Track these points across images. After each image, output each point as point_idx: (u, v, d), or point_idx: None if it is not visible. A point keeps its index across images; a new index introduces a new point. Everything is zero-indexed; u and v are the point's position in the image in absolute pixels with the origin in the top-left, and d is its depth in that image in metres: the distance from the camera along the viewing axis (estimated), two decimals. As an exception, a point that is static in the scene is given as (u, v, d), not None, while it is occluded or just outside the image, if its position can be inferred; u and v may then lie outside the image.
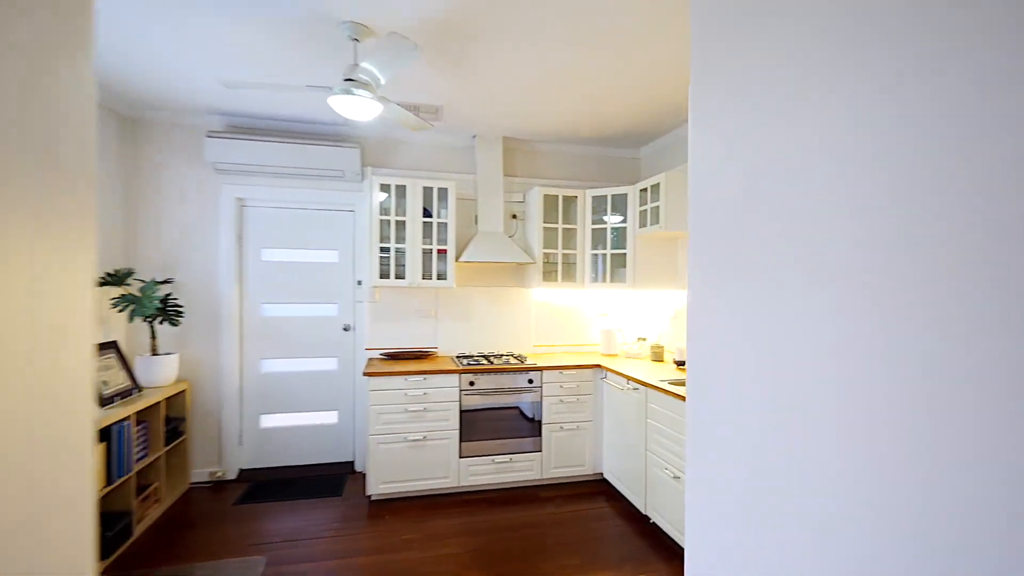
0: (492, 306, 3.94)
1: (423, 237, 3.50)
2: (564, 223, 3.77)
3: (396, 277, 3.48)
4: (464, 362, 3.46)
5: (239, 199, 3.51)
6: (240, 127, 3.47)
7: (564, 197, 3.76)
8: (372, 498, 3.23)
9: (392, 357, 3.60)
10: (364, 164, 3.64)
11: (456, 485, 3.29)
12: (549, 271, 3.78)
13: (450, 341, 3.85)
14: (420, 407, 3.21)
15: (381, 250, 3.43)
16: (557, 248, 3.75)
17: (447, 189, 3.53)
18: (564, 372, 3.47)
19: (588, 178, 4.12)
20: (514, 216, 3.96)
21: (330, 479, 3.55)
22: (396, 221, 3.46)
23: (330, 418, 3.78)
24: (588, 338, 4.14)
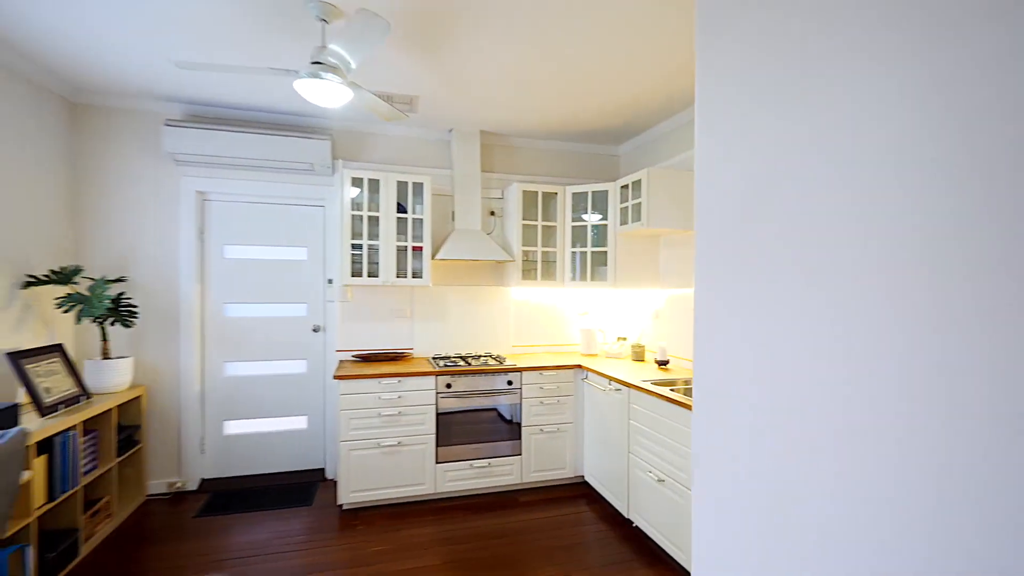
0: (469, 305, 3.82)
1: (397, 234, 3.36)
2: (543, 220, 3.68)
3: (369, 275, 3.32)
4: (441, 364, 3.33)
5: (200, 192, 3.31)
6: (201, 116, 3.26)
7: (543, 194, 3.67)
8: (344, 507, 3.08)
9: (365, 359, 3.45)
10: (335, 157, 3.48)
11: (433, 492, 3.16)
12: (528, 269, 3.68)
13: (426, 342, 3.72)
14: (394, 411, 3.08)
15: (353, 247, 3.27)
16: (536, 246, 3.66)
17: (423, 184, 3.39)
18: (544, 373, 3.37)
19: (567, 175, 4.04)
20: (492, 213, 3.85)
21: (299, 488, 3.37)
22: (369, 217, 3.31)
23: (299, 424, 3.60)
24: (568, 338, 4.06)
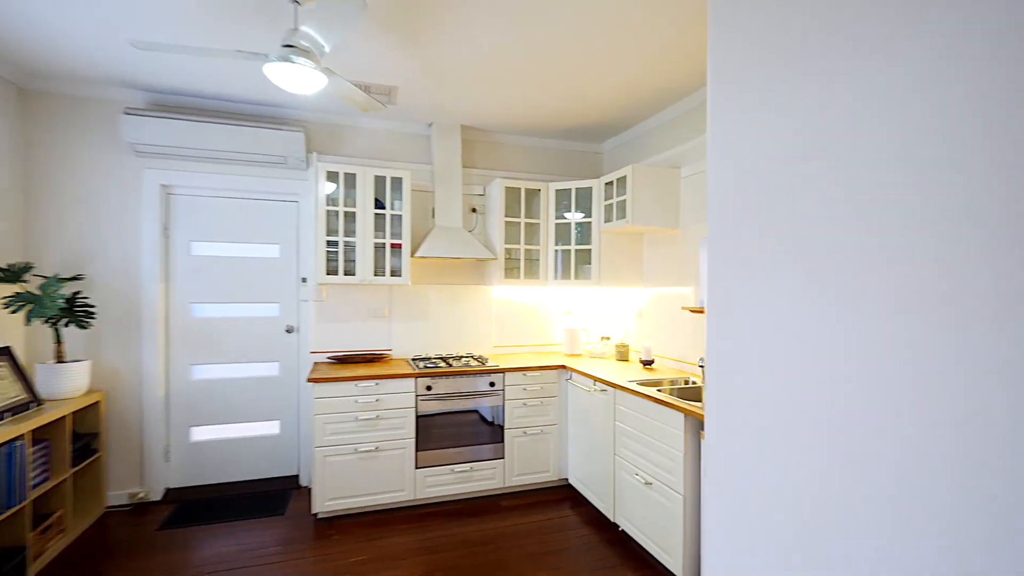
0: (450, 305, 3.71)
1: (375, 230, 3.23)
2: (527, 217, 3.60)
3: (345, 273, 3.19)
4: (420, 365, 3.21)
5: (164, 186, 3.12)
6: (165, 104, 3.08)
7: (527, 190, 3.59)
8: (319, 516, 2.94)
9: (341, 361, 3.31)
10: (309, 150, 3.33)
11: (412, 498, 3.04)
12: (511, 268, 3.59)
13: (405, 343, 3.60)
14: (372, 415, 2.95)
15: (328, 244, 3.13)
16: (519, 243, 3.57)
17: (402, 179, 3.27)
18: (527, 374, 3.29)
19: (550, 172, 3.96)
20: (474, 210, 3.74)
21: (271, 496, 3.22)
22: (345, 212, 3.18)
23: (271, 429, 3.44)
24: (551, 338, 3.98)
